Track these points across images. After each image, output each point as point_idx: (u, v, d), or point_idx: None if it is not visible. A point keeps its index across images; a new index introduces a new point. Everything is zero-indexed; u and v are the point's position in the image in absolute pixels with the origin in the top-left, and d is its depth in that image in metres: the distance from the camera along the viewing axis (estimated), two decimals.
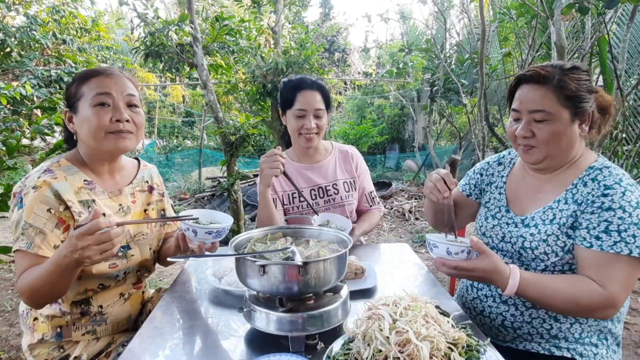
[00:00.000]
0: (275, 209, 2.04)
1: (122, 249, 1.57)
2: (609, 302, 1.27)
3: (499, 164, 1.74)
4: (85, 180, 1.50)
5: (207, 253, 1.50)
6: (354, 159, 2.32)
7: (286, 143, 2.39)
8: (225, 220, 1.53)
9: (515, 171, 1.66)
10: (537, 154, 1.43)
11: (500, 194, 1.65)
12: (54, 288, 1.30)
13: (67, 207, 1.41)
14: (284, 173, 1.90)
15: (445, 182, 1.49)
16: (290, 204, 2.22)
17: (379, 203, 2.35)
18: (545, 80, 1.36)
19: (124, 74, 1.53)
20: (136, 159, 1.79)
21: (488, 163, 1.78)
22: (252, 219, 6.32)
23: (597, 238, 1.31)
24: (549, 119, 1.36)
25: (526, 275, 1.32)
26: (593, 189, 1.36)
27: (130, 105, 1.50)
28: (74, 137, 1.54)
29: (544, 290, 1.31)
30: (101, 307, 1.58)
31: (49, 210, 1.38)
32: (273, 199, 2.15)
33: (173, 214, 1.83)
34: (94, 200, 1.50)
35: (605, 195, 1.33)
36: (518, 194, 1.60)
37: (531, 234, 1.45)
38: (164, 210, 1.82)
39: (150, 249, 1.70)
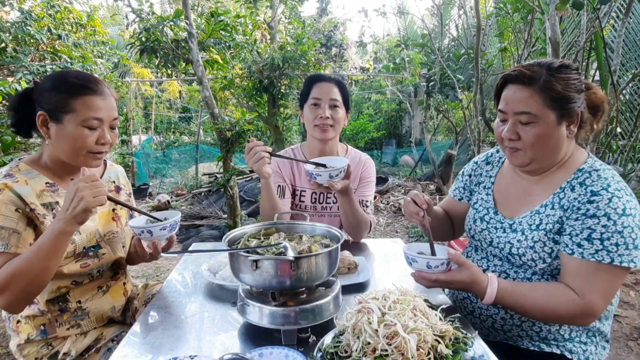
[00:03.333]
0: (278, 199, 2.00)
1: (92, 249, 1.58)
2: (587, 311, 1.27)
3: (487, 163, 1.71)
4: (47, 183, 1.49)
5: (201, 248, 1.53)
6: (363, 167, 2.24)
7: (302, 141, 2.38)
8: (173, 215, 1.60)
9: (504, 171, 1.64)
10: (522, 157, 1.40)
11: (487, 194, 1.63)
12: (38, 269, 1.28)
13: (32, 210, 1.41)
14: (272, 154, 1.82)
15: (415, 203, 1.50)
16: (292, 197, 2.23)
17: (370, 214, 2.23)
18: (531, 81, 1.32)
19: (111, 91, 1.52)
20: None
21: (476, 163, 1.75)
22: (249, 215, 6.34)
23: (579, 245, 1.29)
24: (535, 121, 1.33)
25: (504, 285, 1.32)
26: (580, 195, 1.34)
27: (112, 127, 1.52)
28: (29, 128, 1.51)
29: (522, 299, 1.31)
30: (79, 302, 1.58)
31: (17, 210, 1.38)
32: (282, 187, 2.16)
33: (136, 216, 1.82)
34: (57, 202, 1.48)
35: (590, 202, 1.30)
36: (507, 195, 1.58)
37: (518, 240, 1.44)
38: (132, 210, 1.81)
39: (123, 247, 1.72)
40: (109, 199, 1.36)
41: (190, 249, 2.14)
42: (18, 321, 1.56)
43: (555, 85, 1.31)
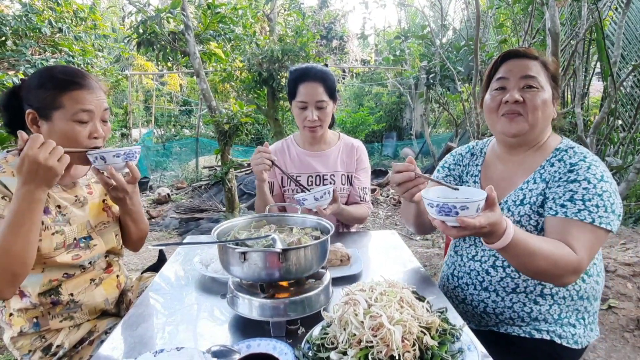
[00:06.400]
0: (270, 198, 2.12)
1: (83, 240, 1.58)
2: (577, 268, 1.28)
3: (472, 154, 1.76)
4: None
5: (184, 240, 1.51)
6: (357, 153, 2.32)
7: None
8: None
9: (488, 160, 1.69)
10: (522, 122, 1.44)
11: (475, 182, 1.68)
12: (18, 246, 1.26)
13: None
14: (274, 164, 1.95)
15: (400, 172, 1.35)
16: (288, 185, 2.28)
17: (369, 202, 2.34)
18: (534, 56, 1.46)
19: (100, 84, 1.51)
20: None
21: (461, 154, 1.78)
22: (249, 208, 6.35)
23: (562, 206, 1.34)
24: (539, 88, 1.42)
25: (518, 230, 1.24)
26: (560, 167, 1.43)
27: (104, 120, 1.51)
28: (22, 127, 1.46)
29: (532, 247, 1.23)
30: (72, 294, 1.57)
31: (3, 197, 1.37)
32: (271, 182, 2.22)
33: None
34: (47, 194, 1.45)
35: (571, 171, 1.39)
36: (491, 182, 1.60)
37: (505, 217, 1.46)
38: None
39: (116, 235, 1.72)
40: (67, 152, 1.33)
41: (184, 241, 2.15)
42: (10, 314, 1.56)
43: (550, 65, 1.47)
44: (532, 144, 1.51)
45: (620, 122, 5.11)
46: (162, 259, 2.18)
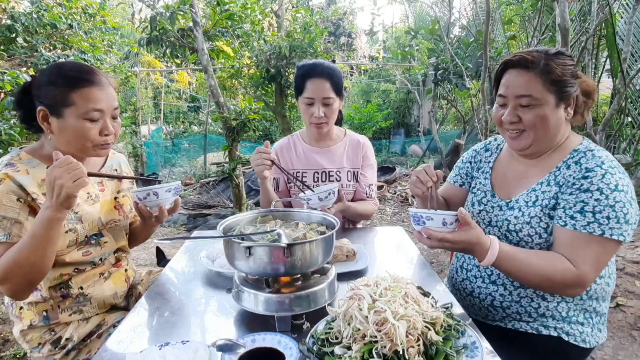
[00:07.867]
0: (274, 194, 2.12)
1: (94, 237, 1.60)
2: (579, 281, 1.30)
3: (486, 150, 1.76)
4: None
5: (191, 236, 1.53)
6: (363, 150, 2.32)
7: None
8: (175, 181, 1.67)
9: (502, 157, 1.68)
10: (525, 139, 1.43)
11: (485, 178, 1.67)
12: (36, 258, 1.29)
13: (33, 199, 1.41)
14: (274, 164, 1.96)
15: (426, 173, 1.51)
16: (292, 182, 2.28)
17: (375, 198, 2.35)
18: (532, 65, 1.37)
19: (109, 80, 1.52)
20: None
21: (475, 150, 1.80)
22: (256, 204, 6.37)
23: (572, 217, 1.33)
24: (535, 104, 1.37)
25: (505, 248, 1.33)
26: (575, 171, 1.38)
27: (114, 117, 1.53)
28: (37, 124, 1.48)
29: (520, 263, 1.32)
30: (82, 288, 1.59)
31: (18, 199, 1.38)
32: (276, 178, 2.24)
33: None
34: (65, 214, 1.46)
35: (585, 178, 1.34)
36: (504, 179, 1.62)
37: (515, 217, 1.47)
38: None
39: (126, 234, 1.76)
40: (91, 174, 1.35)
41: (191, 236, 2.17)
42: (21, 307, 1.58)
43: (555, 68, 1.36)
44: (545, 150, 1.48)
45: (629, 119, 5.06)
46: (161, 258, 2.22)
